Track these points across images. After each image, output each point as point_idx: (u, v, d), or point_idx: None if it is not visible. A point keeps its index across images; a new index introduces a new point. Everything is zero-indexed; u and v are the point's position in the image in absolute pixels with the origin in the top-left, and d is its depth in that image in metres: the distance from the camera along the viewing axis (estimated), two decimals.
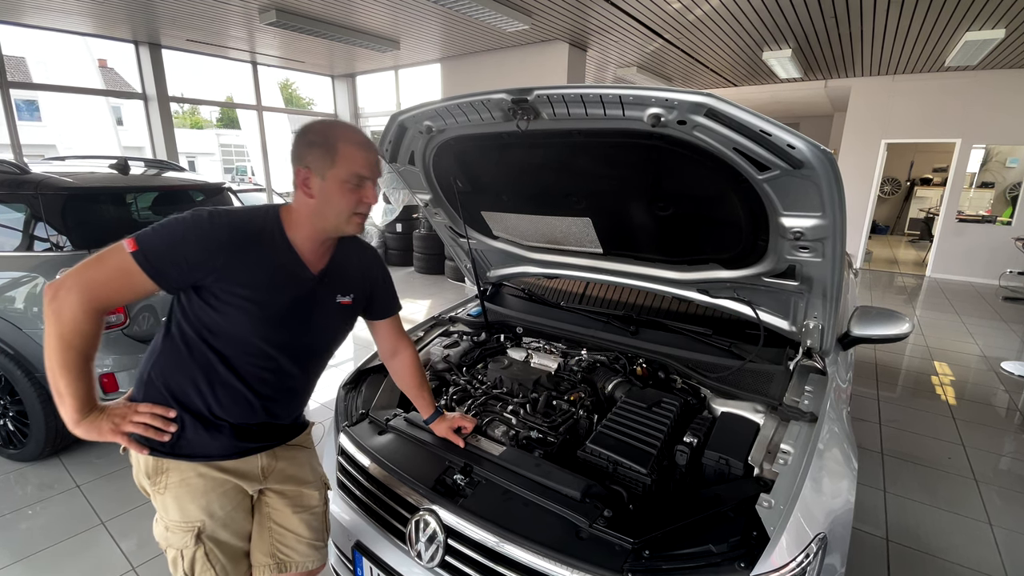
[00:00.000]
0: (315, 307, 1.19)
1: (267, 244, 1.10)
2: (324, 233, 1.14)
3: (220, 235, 1.04)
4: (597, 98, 1.18)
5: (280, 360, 1.17)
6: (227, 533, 1.21)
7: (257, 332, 1.12)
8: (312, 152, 1.07)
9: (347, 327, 1.32)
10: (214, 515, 1.17)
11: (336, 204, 1.09)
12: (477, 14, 4.82)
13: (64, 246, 2.54)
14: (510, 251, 2.11)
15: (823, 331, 1.60)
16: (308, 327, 1.19)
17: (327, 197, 1.08)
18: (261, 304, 1.10)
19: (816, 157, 1.08)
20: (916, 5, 4.43)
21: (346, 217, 1.11)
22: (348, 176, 1.07)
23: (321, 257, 1.19)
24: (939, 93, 7.24)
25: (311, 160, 1.07)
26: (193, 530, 1.15)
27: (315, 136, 1.07)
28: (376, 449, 1.43)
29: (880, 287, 7.26)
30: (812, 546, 1.06)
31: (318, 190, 1.08)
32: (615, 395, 1.65)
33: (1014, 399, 3.72)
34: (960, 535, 2.29)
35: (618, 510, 1.13)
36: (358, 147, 1.08)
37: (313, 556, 1.36)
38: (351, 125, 1.13)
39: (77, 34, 6.10)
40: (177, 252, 1.01)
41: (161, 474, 1.14)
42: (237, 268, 1.06)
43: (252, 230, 1.09)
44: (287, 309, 1.14)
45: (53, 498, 2.47)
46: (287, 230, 1.13)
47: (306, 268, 1.16)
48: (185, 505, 1.14)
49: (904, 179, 12.28)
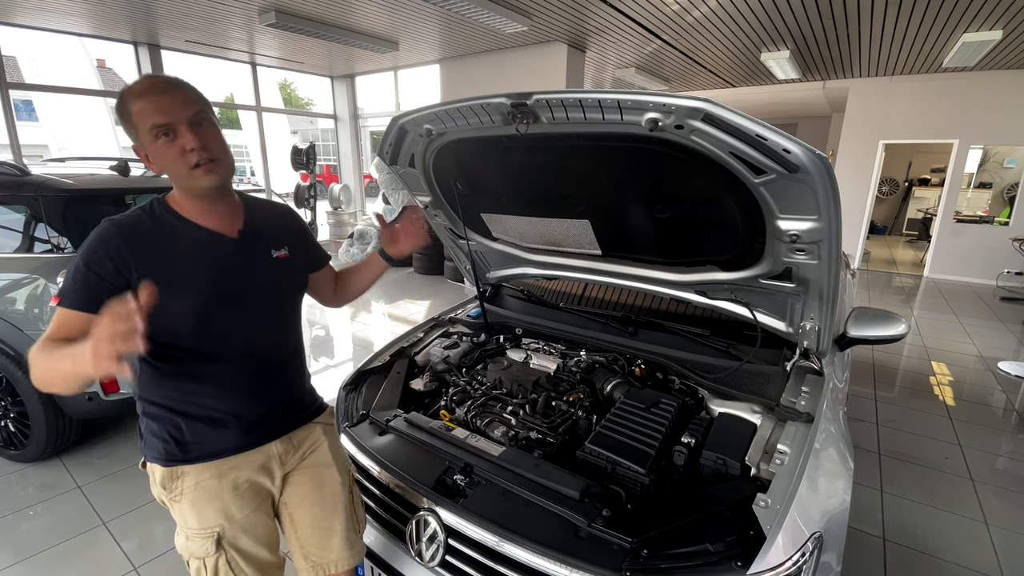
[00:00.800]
0: (250, 267, 1.15)
1: (166, 228, 1.07)
2: (195, 195, 1.08)
3: (113, 239, 1.01)
4: (595, 103, 1.19)
5: (247, 331, 1.15)
6: (248, 540, 1.17)
7: (210, 311, 1.08)
8: (124, 128, 1.02)
9: (296, 281, 1.29)
10: (232, 518, 1.15)
11: (166, 165, 1.03)
12: (476, 15, 4.83)
13: (65, 247, 2.55)
14: (509, 252, 2.13)
15: (819, 332, 1.61)
16: (253, 288, 1.16)
17: (159, 162, 1.02)
18: (195, 283, 1.07)
19: (811, 161, 1.09)
20: (914, 7, 4.45)
21: (185, 174, 1.02)
22: (148, 132, 0.99)
23: (230, 221, 1.14)
24: (937, 94, 7.27)
25: (129, 135, 1.02)
26: (212, 536, 1.14)
27: (117, 110, 1.01)
28: (376, 450, 1.45)
29: (878, 287, 7.29)
30: (808, 545, 1.07)
31: (153, 160, 1.03)
32: (614, 396, 1.67)
33: (1011, 399, 3.74)
34: (957, 534, 2.30)
35: (617, 510, 1.15)
36: (142, 97, 0.99)
37: (348, 553, 1.29)
38: (144, 76, 1.04)
39: (76, 35, 6.11)
40: (88, 278, 0.99)
41: (176, 480, 1.13)
42: (152, 262, 1.03)
43: (140, 220, 1.06)
44: (223, 277, 1.10)
45: (54, 499, 2.48)
46: (178, 209, 1.09)
47: (218, 234, 1.12)
48: (202, 510, 1.13)
49: (902, 179, 12.32)
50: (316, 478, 1.28)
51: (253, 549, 1.18)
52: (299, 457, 1.27)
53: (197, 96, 1.05)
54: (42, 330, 2.48)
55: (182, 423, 1.12)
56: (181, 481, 1.13)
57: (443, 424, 1.51)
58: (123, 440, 2.99)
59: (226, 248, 1.12)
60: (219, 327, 1.11)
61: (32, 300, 2.55)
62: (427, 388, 1.82)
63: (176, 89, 1.01)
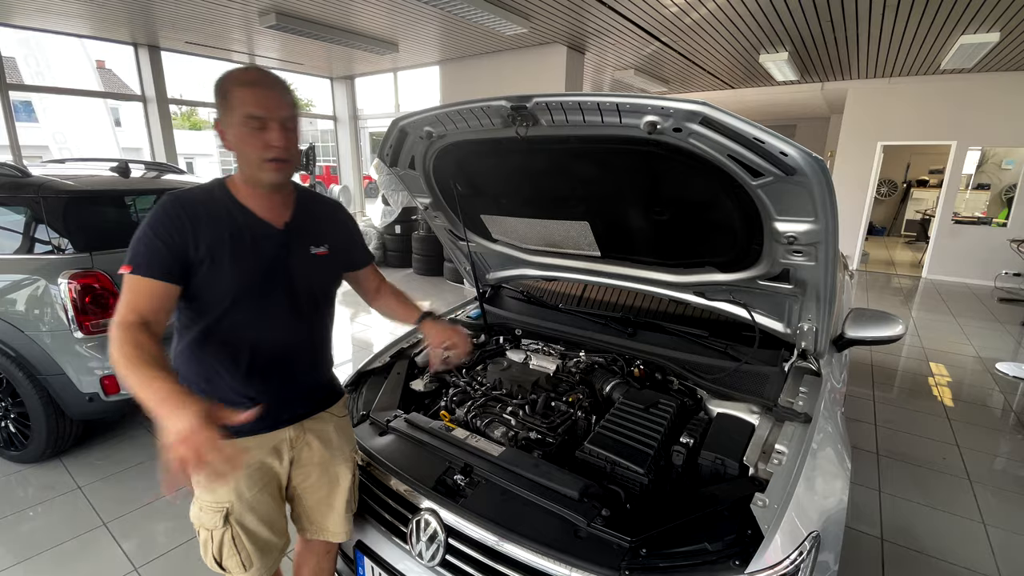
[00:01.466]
0: (287, 260, 1.20)
1: (221, 209, 1.14)
2: (254, 181, 1.14)
3: (178, 213, 1.08)
4: (595, 106, 1.20)
5: (275, 320, 1.20)
6: (254, 518, 1.23)
7: (244, 296, 1.14)
8: (217, 104, 1.08)
9: (331, 277, 1.34)
10: (242, 496, 1.21)
11: (243, 151, 1.09)
12: (475, 17, 4.84)
13: (65, 249, 2.55)
14: (509, 254, 2.14)
15: (817, 333, 1.62)
16: (286, 280, 1.20)
17: (237, 144, 1.09)
18: (236, 267, 1.12)
19: (808, 164, 1.10)
20: (911, 9, 4.47)
21: (257, 163, 1.09)
22: (241, 119, 1.06)
23: (280, 212, 1.20)
24: (935, 95, 7.29)
25: (219, 112, 1.09)
26: (222, 511, 1.19)
27: (216, 87, 1.08)
28: (377, 450, 1.45)
29: (876, 288, 7.30)
30: (805, 544, 1.08)
31: (231, 140, 1.09)
32: (613, 396, 1.68)
33: (1008, 400, 3.76)
34: (954, 535, 2.31)
35: (616, 509, 1.16)
36: (246, 87, 1.06)
37: (342, 529, 1.39)
38: (250, 66, 1.13)
39: (76, 36, 6.11)
40: (155, 246, 1.05)
41: None
42: (206, 239, 1.09)
43: (204, 200, 1.13)
44: (261, 266, 1.16)
45: (55, 499, 2.48)
46: (234, 193, 1.16)
47: (268, 224, 1.17)
48: (215, 486, 1.19)
49: (900, 181, 12.34)
50: (323, 463, 1.35)
51: (257, 528, 1.24)
52: (307, 442, 1.32)
53: (292, 100, 1.12)
54: (43, 331, 2.52)
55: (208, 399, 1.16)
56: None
57: (443, 424, 1.52)
58: (124, 441, 3.00)
59: (269, 238, 1.18)
60: (249, 313, 1.16)
61: (33, 301, 2.55)
62: (427, 389, 1.83)
63: (278, 88, 1.09)
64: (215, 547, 1.22)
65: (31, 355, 2.56)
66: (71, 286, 2.44)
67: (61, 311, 2.48)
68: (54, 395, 2.59)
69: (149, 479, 2.64)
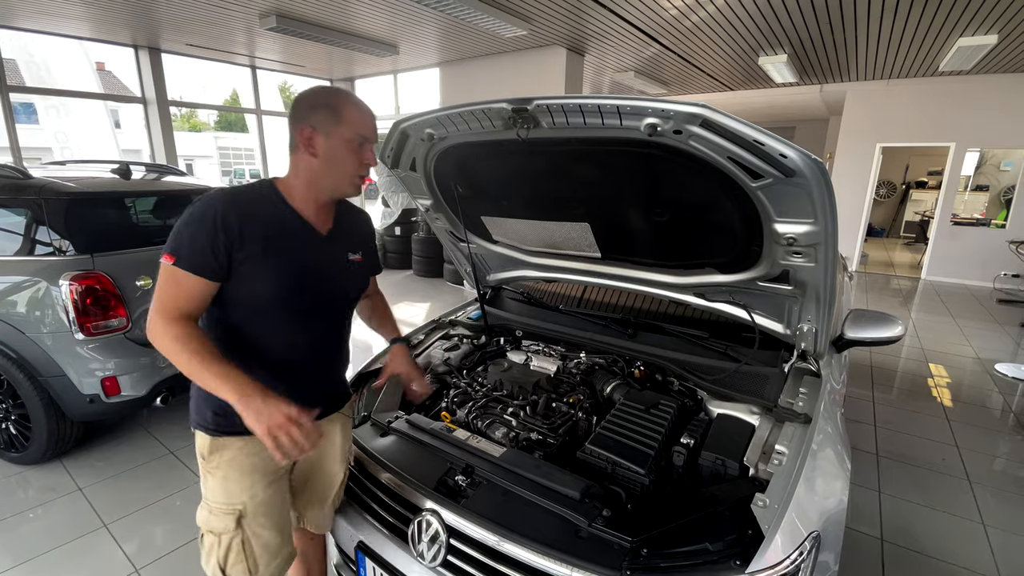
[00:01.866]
0: (331, 266, 1.26)
1: (271, 212, 1.16)
2: (324, 194, 1.19)
3: (228, 212, 1.08)
4: (595, 108, 1.21)
5: (312, 321, 1.25)
6: (266, 522, 1.24)
7: (288, 296, 1.17)
8: (317, 113, 1.12)
9: (363, 284, 1.41)
10: (255, 496, 1.22)
11: (340, 163, 1.15)
12: (475, 19, 4.86)
13: (66, 250, 2.56)
14: (509, 255, 2.14)
15: (817, 334, 1.63)
16: (330, 285, 1.26)
17: (331, 156, 1.13)
18: (282, 269, 1.15)
19: (807, 166, 1.11)
20: (909, 12, 4.49)
21: (349, 178, 1.17)
22: (352, 135, 1.13)
23: (325, 219, 1.25)
24: (933, 97, 7.31)
25: (316, 119, 1.12)
26: (235, 513, 1.20)
27: (319, 99, 1.13)
28: (378, 451, 1.46)
29: (876, 289, 7.31)
30: (806, 544, 1.08)
31: (323, 149, 1.13)
32: (614, 397, 1.68)
33: (1008, 401, 3.76)
34: (954, 535, 2.32)
35: (617, 510, 1.16)
36: (360, 110, 1.15)
37: (327, 523, 1.48)
38: (350, 94, 1.18)
39: (77, 38, 6.12)
40: (202, 242, 1.06)
41: (216, 452, 1.20)
42: (253, 239, 1.10)
43: (254, 201, 1.14)
44: (307, 270, 1.20)
45: (55, 501, 2.48)
46: (287, 197, 1.18)
47: (314, 230, 1.22)
48: (231, 486, 1.20)
49: (899, 182, 12.36)
50: (324, 461, 1.41)
51: (267, 531, 1.25)
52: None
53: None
54: (44, 333, 2.52)
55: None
56: (219, 454, 1.19)
57: (444, 425, 1.52)
58: (124, 442, 3.00)
59: (316, 243, 1.22)
60: (289, 313, 1.20)
61: (34, 303, 2.56)
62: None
63: (375, 118, 1.20)
64: (221, 552, 1.20)
65: (32, 357, 2.56)
66: (72, 287, 2.45)
67: (62, 312, 2.48)
68: (55, 397, 2.59)
69: (149, 480, 2.64)
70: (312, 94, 1.15)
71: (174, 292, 1.06)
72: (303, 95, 1.15)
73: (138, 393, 2.65)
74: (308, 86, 1.61)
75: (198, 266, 1.06)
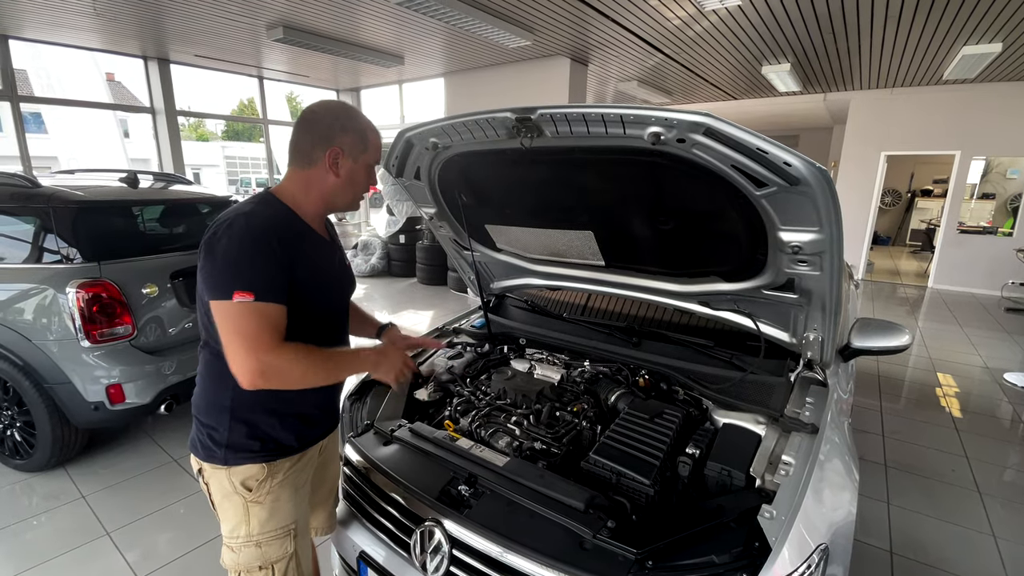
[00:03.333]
0: (341, 271, 1.34)
1: (294, 227, 1.17)
2: (333, 208, 1.25)
3: (271, 235, 1.08)
4: (599, 117, 1.21)
5: (340, 328, 1.37)
6: (306, 534, 1.30)
7: (323, 307, 1.24)
8: (346, 136, 1.17)
9: (355, 283, 1.47)
10: (303, 512, 1.28)
11: (358, 185, 1.23)
12: (480, 31, 4.91)
13: (74, 258, 2.58)
14: (513, 263, 2.14)
15: (823, 343, 1.61)
16: (343, 291, 1.36)
17: (353, 178, 1.21)
18: (319, 281, 1.20)
19: (812, 174, 1.11)
20: (913, 20, 4.50)
21: (359, 198, 1.28)
22: (373, 162, 1.23)
23: (323, 227, 1.30)
24: (938, 106, 7.30)
25: (345, 142, 1.16)
26: (291, 533, 1.23)
27: (349, 122, 1.18)
28: (381, 460, 1.45)
29: (882, 298, 7.26)
30: (814, 557, 1.06)
31: (346, 171, 1.19)
32: (618, 406, 1.67)
33: (1018, 411, 3.71)
34: (964, 547, 2.28)
35: (621, 521, 1.14)
36: (378, 138, 1.24)
37: (329, 524, 1.53)
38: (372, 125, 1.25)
39: (88, 50, 6.22)
40: (271, 270, 1.06)
41: (268, 479, 1.19)
42: (296, 258, 1.12)
43: (275, 220, 1.14)
44: (329, 278, 1.27)
45: (58, 508, 2.48)
46: (297, 211, 1.19)
47: (323, 238, 1.27)
48: (283, 506, 1.21)
49: (905, 190, 12.32)
50: (324, 465, 1.45)
51: (306, 544, 1.31)
52: (322, 445, 1.40)
53: None
54: (50, 340, 2.53)
55: (279, 420, 1.20)
56: (271, 479, 1.19)
57: (447, 434, 1.51)
58: (128, 450, 3.00)
59: (326, 250, 1.27)
60: (327, 324, 1.28)
61: (40, 311, 2.58)
62: (431, 398, 1.83)
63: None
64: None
65: (38, 364, 2.58)
66: (79, 295, 2.46)
67: (68, 320, 2.50)
68: (60, 404, 2.60)
69: (153, 488, 2.64)
70: (342, 116, 1.17)
71: (266, 325, 1.03)
72: (329, 114, 1.16)
73: (142, 400, 2.66)
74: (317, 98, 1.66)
75: (279, 294, 1.06)
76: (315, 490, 1.44)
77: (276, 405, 1.19)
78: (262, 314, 1.03)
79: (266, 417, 1.18)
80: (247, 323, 1.02)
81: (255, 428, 1.17)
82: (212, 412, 1.18)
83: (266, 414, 1.18)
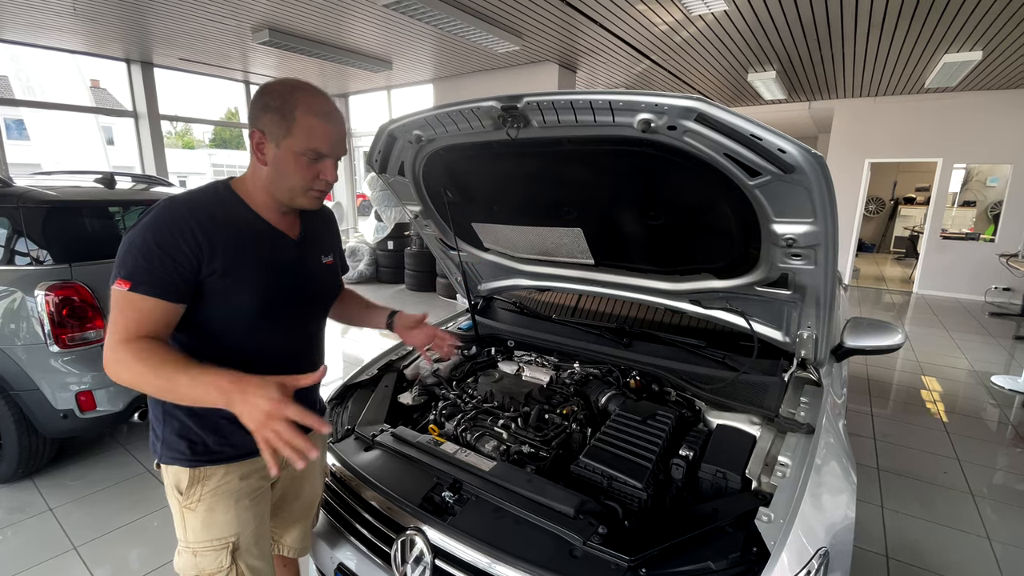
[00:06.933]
0: (305, 271, 1.17)
1: (235, 217, 1.04)
2: (280, 203, 1.08)
3: (187, 221, 0.96)
4: (587, 104, 1.17)
5: (293, 332, 1.17)
6: (258, 552, 1.15)
7: (267, 309, 1.08)
8: (267, 115, 0.98)
9: (336, 287, 1.34)
10: (247, 524, 1.12)
11: (289, 176, 1.02)
12: (468, 34, 4.89)
13: (44, 260, 2.48)
14: (501, 263, 2.09)
15: (817, 341, 1.58)
16: (306, 291, 1.18)
17: (280, 167, 1.01)
18: (260, 279, 1.05)
19: (807, 161, 1.07)
20: (896, 28, 4.57)
21: (300, 191, 1.04)
22: (303, 149, 0.99)
23: (292, 224, 1.15)
24: (920, 114, 7.44)
25: (266, 124, 0.98)
26: (228, 547, 1.09)
27: (272, 99, 0.98)
28: (361, 466, 1.38)
29: (868, 303, 7.33)
30: (814, 562, 1.02)
31: (271, 158, 1.00)
32: (608, 408, 1.61)
33: (1005, 412, 3.73)
34: (959, 550, 2.25)
35: (613, 527, 1.09)
36: (318, 118, 0.99)
37: (306, 545, 1.41)
38: (315, 89, 1.01)
39: (69, 52, 6.10)
40: (163, 261, 0.93)
41: (196, 484, 1.08)
42: (223, 250, 0.99)
43: (210, 204, 1.02)
44: (283, 277, 1.10)
45: (24, 522, 2.36)
46: (248, 201, 1.07)
47: (284, 235, 1.12)
48: (218, 518, 1.09)
49: (888, 198, 12.52)
50: (299, 481, 1.33)
51: (260, 563, 1.16)
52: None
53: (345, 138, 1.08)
54: (18, 345, 2.43)
55: (216, 422, 1.08)
56: (201, 486, 1.09)
57: (432, 439, 1.44)
58: (100, 460, 2.88)
59: (288, 249, 1.13)
60: (270, 326, 1.10)
61: (8, 315, 2.47)
62: (416, 402, 1.76)
63: (342, 126, 1.05)
64: None
65: (4, 370, 2.46)
66: (48, 298, 2.36)
67: (37, 325, 2.39)
68: (27, 412, 2.49)
69: (124, 500, 2.52)
70: (268, 91, 0.99)
71: (133, 317, 0.92)
72: (261, 88, 1.00)
73: (115, 408, 2.55)
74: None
75: (160, 288, 0.93)
76: (287, 504, 1.34)
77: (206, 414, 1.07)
78: (132, 305, 0.92)
79: (186, 417, 1.07)
80: (115, 312, 0.93)
81: (183, 427, 1.07)
82: (154, 404, 1.11)
83: (185, 413, 1.07)
